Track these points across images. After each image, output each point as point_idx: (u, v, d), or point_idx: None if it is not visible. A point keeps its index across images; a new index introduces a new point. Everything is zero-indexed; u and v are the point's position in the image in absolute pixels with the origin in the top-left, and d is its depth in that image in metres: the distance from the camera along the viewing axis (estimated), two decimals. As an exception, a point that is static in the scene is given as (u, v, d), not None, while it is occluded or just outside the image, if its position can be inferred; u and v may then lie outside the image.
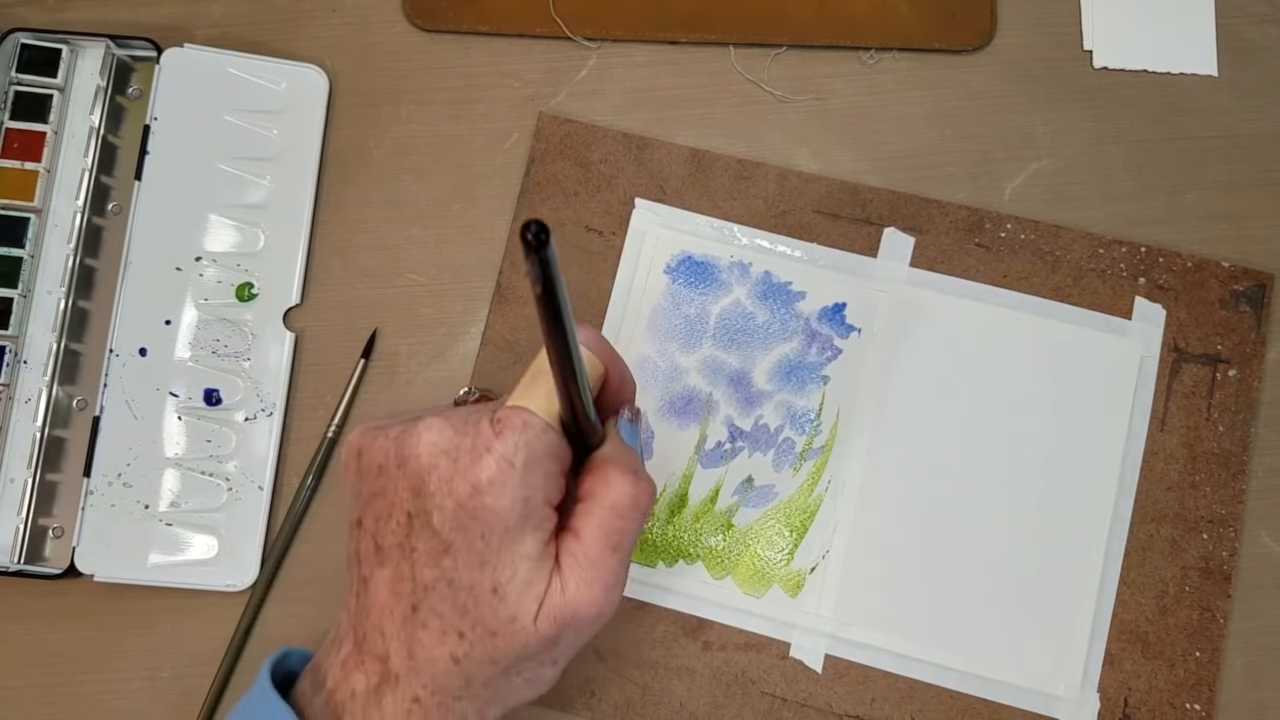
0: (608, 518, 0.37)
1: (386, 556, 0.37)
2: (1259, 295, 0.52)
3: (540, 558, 0.36)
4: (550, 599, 0.36)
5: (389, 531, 0.36)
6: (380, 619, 0.36)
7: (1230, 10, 0.55)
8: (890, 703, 0.49)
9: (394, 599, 0.36)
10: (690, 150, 0.54)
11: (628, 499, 0.37)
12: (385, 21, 0.55)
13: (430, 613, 0.36)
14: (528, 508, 0.35)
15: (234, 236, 0.53)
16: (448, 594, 0.35)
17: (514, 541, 0.35)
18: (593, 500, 0.37)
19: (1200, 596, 0.50)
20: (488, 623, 0.35)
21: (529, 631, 0.36)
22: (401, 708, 0.36)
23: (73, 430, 0.52)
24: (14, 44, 0.52)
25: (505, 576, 0.35)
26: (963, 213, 0.53)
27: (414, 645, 0.36)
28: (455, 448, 0.35)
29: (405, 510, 0.36)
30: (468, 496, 0.35)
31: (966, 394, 0.51)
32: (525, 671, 0.37)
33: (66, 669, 0.51)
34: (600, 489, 0.37)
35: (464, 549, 0.35)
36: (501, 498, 0.34)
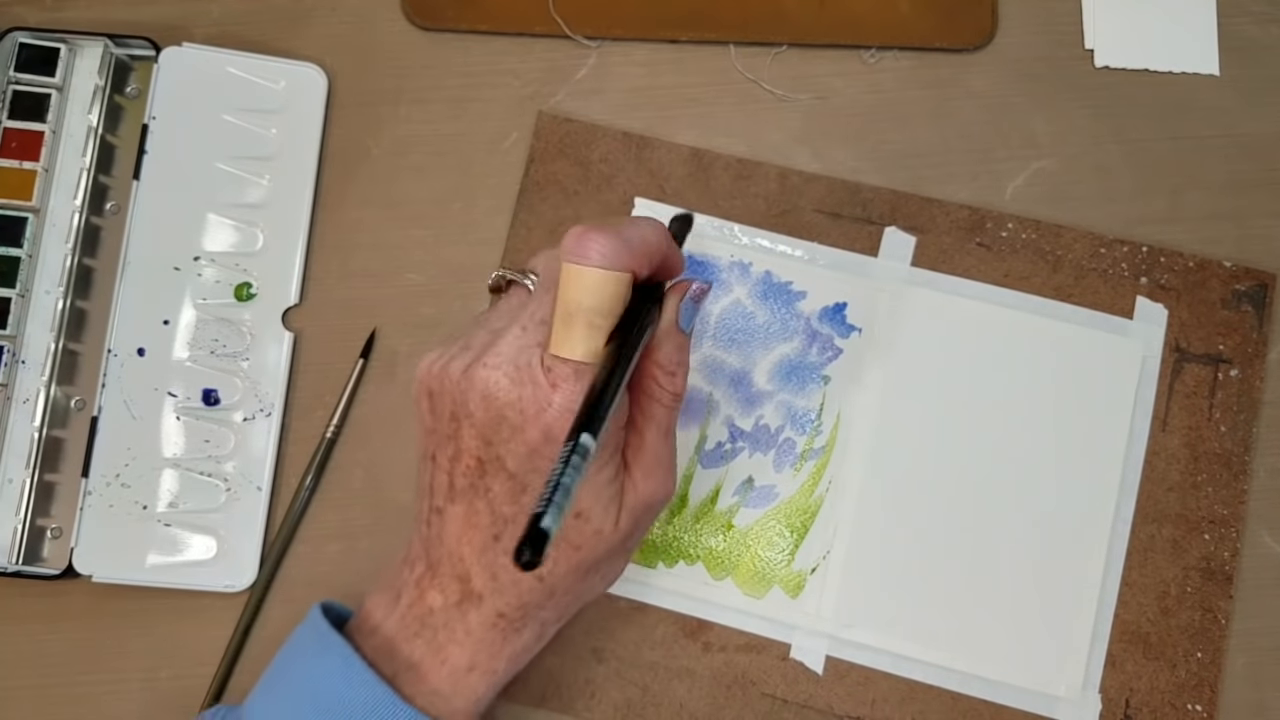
0: (656, 411, 0.39)
1: (459, 494, 0.38)
2: (1261, 295, 0.52)
3: (616, 476, 0.38)
4: (626, 499, 0.38)
5: (461, 472, 0.38)
6: (457, 546, 0.38)
7: (1232, 9, 0.55)
8: (891, 704, 0.49)
9: (471, 530, 0.38)
10: (690, 149, 0.53)
11: (669, 395, 0.39)
12: (385, 20, 0.55)
13: (512, 540, 0.37)
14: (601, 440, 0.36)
15: (232, 236, 0.53)
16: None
17: (593, 474, 0.37)
18: (642, 394, 0.39)
19: (1202, 597, 0.50)
20: (572, 540, 0.38)
21: (612, 534, 0.38)
22: (487, 621, 0.39)
23: (71, 430, 0.52)
24: (12, 43, 0.52)
25: (587, 503, 0.38)
26: (964, 212, 0.53)
27: (498, 569, 0.38)
28: (518, 399, 0.36)
29: (476, 455, 0.38)
30: (540, 443, 0.36)
31: (967, 394, 0.51)
32: (603, 569, 0.40)
33: (65, 670, 0.50)
34: (647, 384, 0.39)
35: (540, 485, 0.36)
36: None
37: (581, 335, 0.36)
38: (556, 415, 0.36)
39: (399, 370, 0.52)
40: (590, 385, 0.35)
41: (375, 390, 0.52)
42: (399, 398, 0.52)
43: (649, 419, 0.39)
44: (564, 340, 0.36)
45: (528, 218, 0.53)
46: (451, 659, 0.39)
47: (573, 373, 0.36)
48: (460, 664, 0.39)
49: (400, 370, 0.52)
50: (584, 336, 0.36)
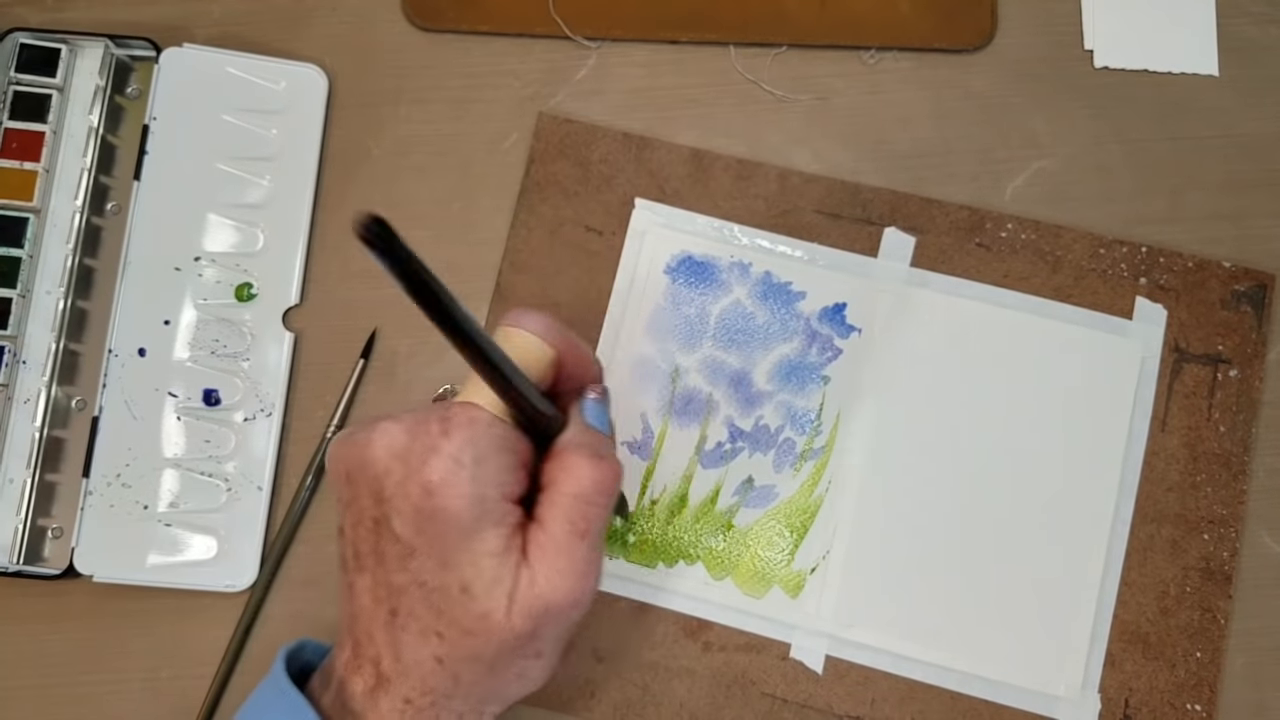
0: (571, 505, 0.36)
1: (363, 563, 0.37)
2: (1260, 295, 0.52)
3: (504, 552, 0.35)
4: (520, 592, 0.35)
5: (361, 538, 0.37)
6: (368, 624, 0.37)
7: (1231, 10, 0.55)
8: (891, 704, 0.49)
9: (375, 604, 0.36)
10: (690, 150, 0.54)
11: (591, 484, 0.36)
12: (385, 21, 0.55)
13: (408, 615, 0.36)
14: (483, 506, 0.34)
15: (233, 236, 0.53)
16: (419, 595, 0.35)
17: (473, 540, 0.35)
18: (555, 488, 0.36)
19: (1201, 597, 0.50)
20: (462, 622, 0.35)
21: (504, 627, 0.35)
22: (395, 709, 0.36)
23: (71, 430, 0.52)
24: (13, 44, 0.52)
25: (470, 575, 0.35)
26: (963, 213, 0.53)
27: (399, 648, 0.36)
28: (406, 450, 0.35)
29: (371, 516, 0.36)
30: (421, 499, 0.34)
31: (967, 394, 0.51)
32: (512, 667, 0.37)
33: (65, 670, 0.50)
34: (561, 476, 0.36)
35: (426, 551, 0.35)
36: (453, 498, 0.34)
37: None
38: (441, 464, 0.34)
39: (399, 371, 0.53)
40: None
41: (375, 390, 0.52)
42: (399, 398, 0.52)
43: (558, 512, 0.36)
44: (475, 388, 0.35)
45: (528, 218, 0.53)
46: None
47: (468, 420, 0.34)
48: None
49: (400, 370, 0.52)
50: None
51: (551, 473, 0.37)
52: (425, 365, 0.52)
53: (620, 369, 0.52)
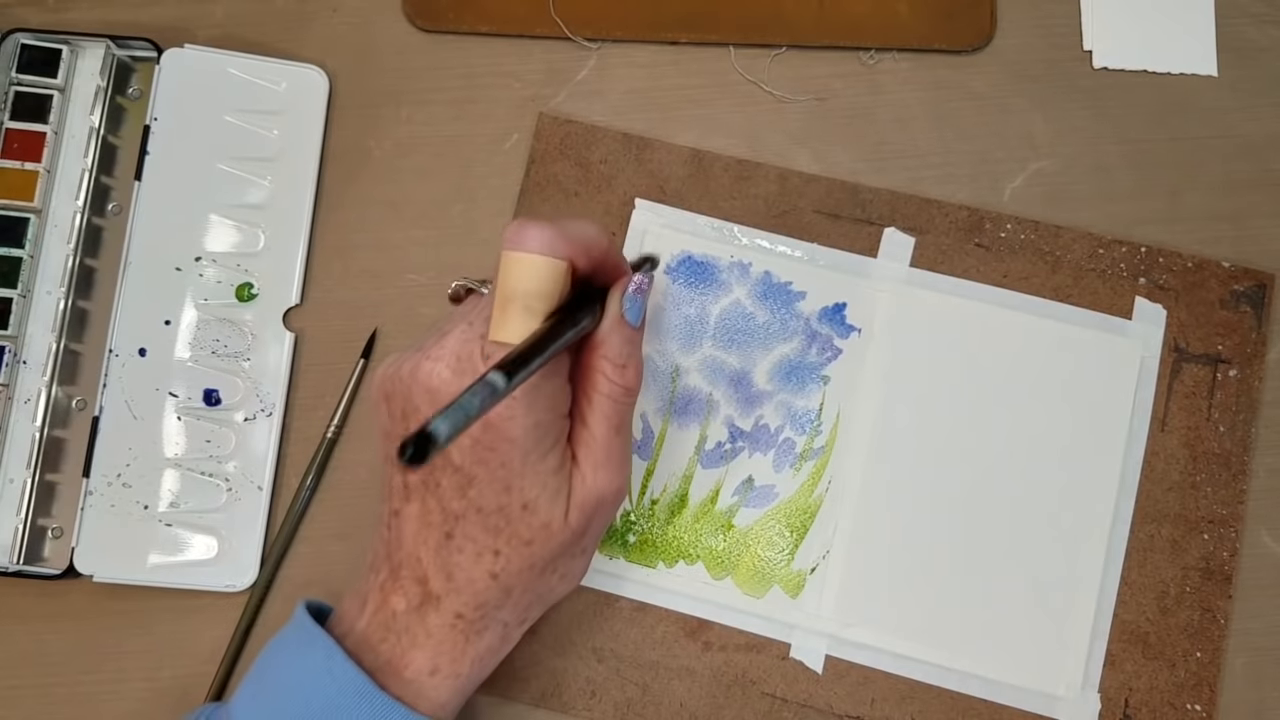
0: (607, 406, 0.39)
1: (413, 492, 0.39)
2: (1259, 295, 0.52)
3: (562, 465, 0.38)
4: (575, 493, 0.38)
5: (413, 470, 0.38)
6: (415, 547, 0.39)
7: (1230, 10, 0.55)
8: (890, 703, 0.49)
9: (425, 529, 0.38)
10: (690, 150, 0.54)
11: (619, 389, 0.39)
12: (386, 22, 0.55)
13: (464, 538, 0.38)
14: (540, 430, 0.37)
15: (234, 237, 0.53)
16: (477, 520, 0.38)
17: (536, 462, 0.37)
18: (593, 389, 0.39)
19: (1201, 597, 0.50)
20: (521, 535, 0.38)
21: (563, 530, 0.38)
22: (445, 623, 0.39)
23: (72, 430, 0.52)
24: (14, 44, 0.53)
25: (533, 494, 0.37)
26: (963, 213, 0.53)
27: (452, 568, 0.38)
28: (459, 389, 0.36)
29: None
30: (481, 433, 0.36)
31: (966, 394, 0.51)
32: (560, 567, 0.40)
33: (66, 669, 0.50)
34: (597, 379, 0.39)
35: (486, 479, 0.37)
36: (513, 429, 0.36)
37: (518, 319, 0.36)
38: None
39: (400, 370, 0.53)
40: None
41: (376, 390, 0.53)
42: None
43: (598, 413, 0.39)
44: (501, 325, 0.37)
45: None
46: (414, 663, 0.39)
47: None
48: (423, 667, 0.39)
49: (401, 370, 0.53)
50: (520, 320, 0.36)
51: (588, 372, 0.39)
52: (425, 365, 0.53)
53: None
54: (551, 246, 0.37)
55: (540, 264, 0.37)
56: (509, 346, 0.36)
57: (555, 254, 0.37)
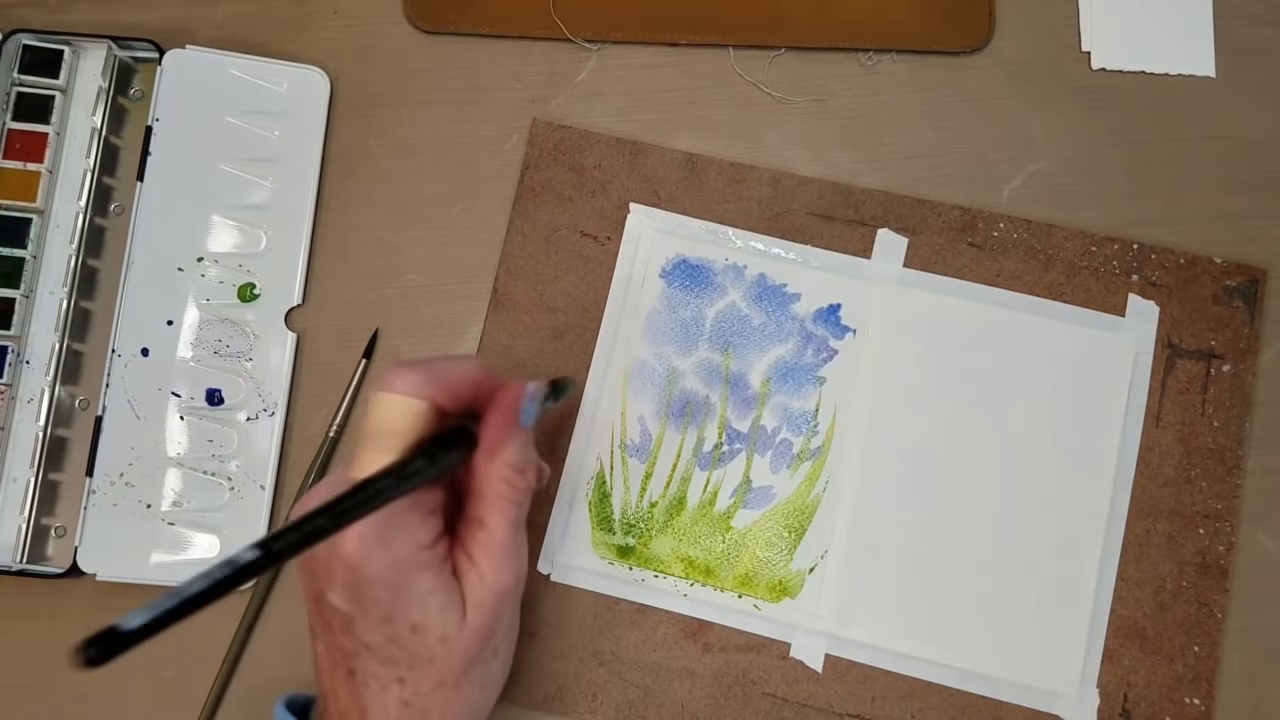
0: (509, 508, 0.39)
1: (315, 631, 0.40)
2: (1252, 290, 0.52)
3: (439, 581, 0.38)
4: (472, 593, 0.39)
5: (311, 610, 0.40)
6: (333, 684, 0.39)
7: (1228, 12, 0.55)
8: (890, 701, 0.49)
9: (333, 666, 0.39)
10: (684, 154, 0.54)
11: (520, 491, 0.40)
12: (386, 23, 0.55)
13: (365, 674, 0.38)
14: (399, 566, 0.37)
15: (236, 237, 0.53)
16: (368, 656, 0.38)
17: (406, 592, 0.37)
18: (491, 492, 0.39)
19: (1197, 591, 0.50)
20: (421, 655, 0.38)
21: (462, 636, 0.38)
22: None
23: (75, 430, 0.52)
24: (16, 45, 0.53)
25: (417, 616, 0.38)
26: (955, 213, 0.53)
27: (364, 703, 0.38)
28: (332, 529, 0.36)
29: (312, 593, 0.39)
30: (345, 575, 0.37)
31: (962, 393, 0.52)
32: (476, 677, 0.40)
33: (68, 668, 0.51)
34: (495, 483, 0.39)
35: (363, 617, 0.37)
36: (374, 568, 0.37)
37: (370, 457, 0.37)
38: (353, 545, 0.36)
39: (400, 370, 0.53)
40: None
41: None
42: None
43: (499, 515, 0.39)
44: (358, 463, 0.37)
45: (523, 224, 0.53)
46: None
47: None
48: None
49: (402, 370, 0.53)
50: (370, 458, 0.37)
51: (486, 479, 0.39)
52: (426, 365, 0.53)
53: (616, 373, 0.52)
54: (416, 388, 0.38)
55: (396, 403, 0.37)
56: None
57: (418, 395, 0.38)
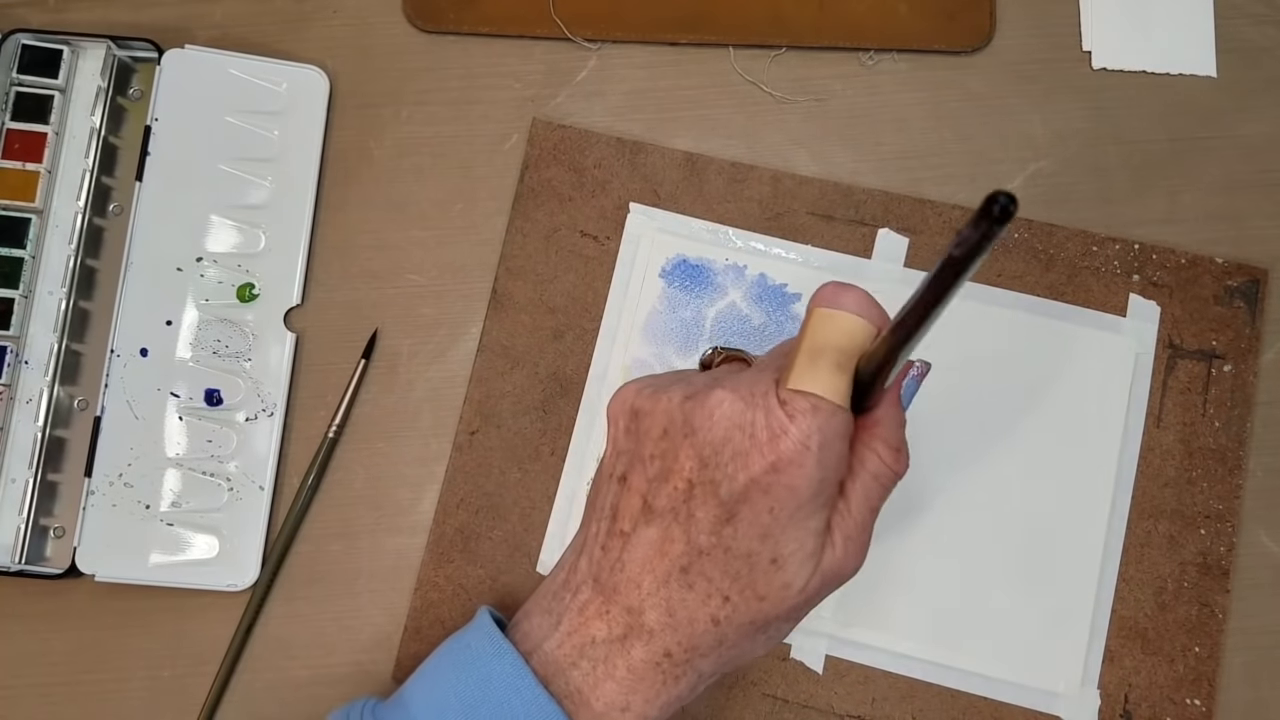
0: (872, 486, 0.38)
1: (656, 517, 0.37)
2: (1253, 290, 0.52)
3: (823, 529, 0.36)
4: (823, 561, 0.37)
5: (664, 494, 0.36)
6: (638, 574, 0.37)
7: (1229, 11, 0.55)
8: (891, 702, 0.49)
9: (659, 557, 0.36)
10: (684, 154, 0.54)
11: (890, 472, 0.38)
12: (386, 23, 0.55)
13: (699, 575, 0.36)
14: (821, 487, 0.35)
15: (235, 237, 0.53)
16: (721, 560, 0.36)
17: (805, 518, 0.35)
18: (862, 467, 0.38)
19: (1199, 592, 0.50)
20: (759, 588, 0.36)
21: (799, 594, 0.36)
22: (651, 660, 0.37)
23: (74, 430, 0.52)
24: (15, 45, 0.53)
25: (789, 550, 0.36)
26: (956, 212, 0.53)
27: (675, 604, 0.36)
28: (750, 424, 0.35)
29: (687, 478, 0.36)
30: (763, 473, 0.35)
31: (962, 393, 0.51)
32: (772, 629, 0.38)
33: (67, 669, 0.51)
34: (869, 457, 0.38)
35: (748, 520, 0.35)
36: (798, 478, 0.34)
37: (827, 372, 0.35)
38: (790, 446, 0.34)
39: (400, 371, 0.53)
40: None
41: (377, 390, 0.53)
42: (400, 398, 0.52)
43: (861, 492, 0.38)
44: (807, 374, 0.35)
45: (523, 224, 0.53)
46: (606, 695, 0.37)
47: (811, 408, 0.34)
48: (614, 701, 0.37)
49: (402, 370, 0.53)
50: (829, 374, 0.35)
51: (857, 448, 0.38)
52: (426, 365, 0.53)
53: (616, 373, 0.52)
54: (867, 311, 0.36)
55: (857, 324, 0.36)
56: (810, 397, 0.35)
57: (870, 319, 0.36)
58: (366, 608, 0.51)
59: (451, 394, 0.52)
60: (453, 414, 0.52)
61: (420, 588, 0.51)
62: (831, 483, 0.36)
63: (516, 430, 0.52)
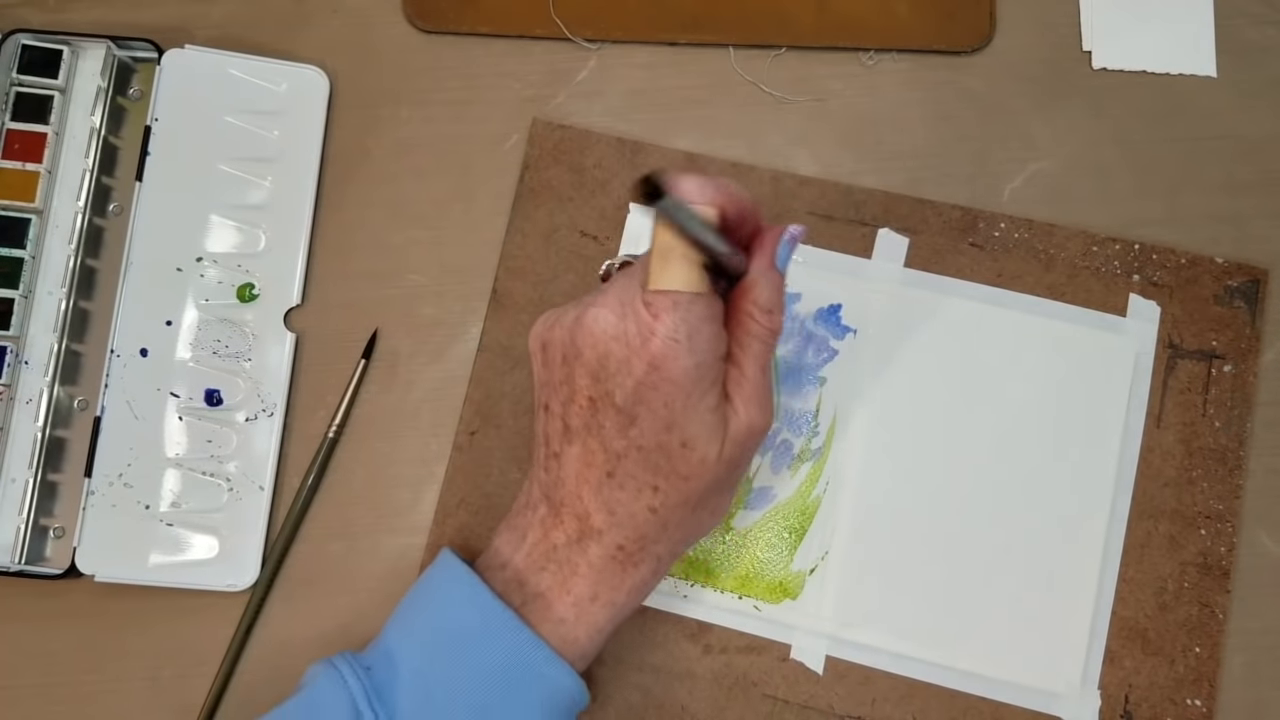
0: (756, 347, 0.41)
1: (574, 435, 0.41)
2: (1253, 290, 0.52)
3: (718, 404, 0.40)
4: (730, 428, 0.40)
5: (574, 414, 0.40)
6: (577, 486, 0.41)
7: (1229, 11, 0.55)
8: (891, 703, 0.49)
9: (587, 468, 0.41)
10: (684, 154, 0.54)
11: (766, 330, 0.41)
12: (385, 22, 0.55)
13: (625, 475, 0.40)
14: (699, 370, 0.38)
15: (235, 237, 0.53)
16: (638, 458, 0.40)
17: (696, 401, 0.39)
18: (743, 332, 0.41)
19: (1199, 592, 0.50)
20: (680, 470, 0.40)
21: (718, 464, 0.40)
22: (607, 553, 0.41)
23: (74, 430, 0.52)
24: (15, 45, 0.53)
25: (693, 431, 0.39)
26: (956, 212, 0.53)
27: (613, 504, 0.40)
28: (623, 333, 0.38)
29: (587, 395, 0.40)
30: (645, 374, 0.38)
31: (962, 393, 0.51)
32: (710, 503, 0.42)
33: (67, 669, 0.51)
34: (746, 321, 0.41)
35: (648, 418, 0.39)
36: (676, 370, 0.38)
37: (678, 266, 0.38)
38: (660, 344, 0.37)
39: (400, 370, 0.53)
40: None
41: (377, 390, 0.53)
42: (400, 398, 0.52)
43: (748, 354, 0.41)
44: (661, 274, 0.38)
45: (523, 224, 0.53)
46: (576, 589, 0.42)
47: (671, 303, 0.37)
48: (584, 593, 0.42)
49: (402, 370, 0.53)
50: (680, 267, 0.38)
51: (738, 315, 0.41)
52: (426, 365, 0.53)
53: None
54: (704, 195, 0.39)
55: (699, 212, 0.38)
56: (669, 294, 0.37)
57: (708, 202, 0.39)
58: (366, 608, 0.51)
59: (451, 394, 0.52)
60: (452, 414, 0.52)
61: (420, 588, 0.51)
62: (709, 365, 0.39)
63: (516, 430, 0.52)
